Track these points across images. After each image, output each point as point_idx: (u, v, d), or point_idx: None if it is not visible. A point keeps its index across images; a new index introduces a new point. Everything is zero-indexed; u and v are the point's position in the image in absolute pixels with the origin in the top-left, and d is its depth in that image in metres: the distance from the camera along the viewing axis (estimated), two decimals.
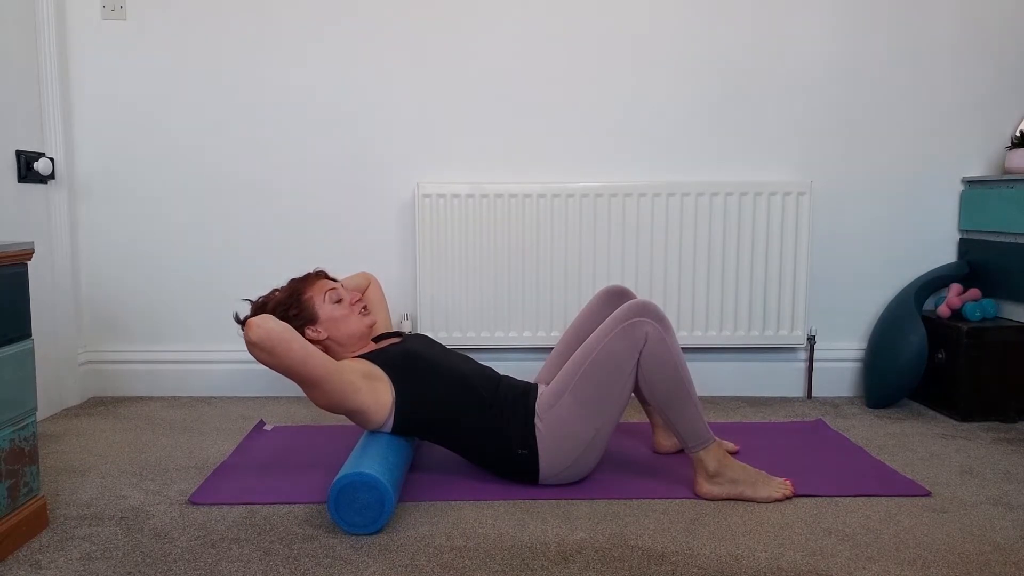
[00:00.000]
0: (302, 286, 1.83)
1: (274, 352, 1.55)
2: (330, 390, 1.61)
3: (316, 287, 1.83)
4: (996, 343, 2.27)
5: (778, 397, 2.58)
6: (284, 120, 2.50)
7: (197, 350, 2.57)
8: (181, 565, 1.38)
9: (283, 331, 1.57)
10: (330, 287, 1.84)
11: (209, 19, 2.46)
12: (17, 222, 2.24)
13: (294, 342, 1.57)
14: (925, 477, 1.82)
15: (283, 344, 1.55)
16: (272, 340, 1.55)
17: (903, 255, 2.57)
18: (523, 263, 2.45)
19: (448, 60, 2.48)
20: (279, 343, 1.55)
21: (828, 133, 2.52)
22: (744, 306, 2.47)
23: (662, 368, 1.65)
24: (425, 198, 2.41)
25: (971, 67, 2.50)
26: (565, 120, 2.50)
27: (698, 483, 1.69)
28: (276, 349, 1.55)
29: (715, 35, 2.48)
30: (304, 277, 1.86)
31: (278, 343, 1.55)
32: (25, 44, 2.28)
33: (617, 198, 2.43)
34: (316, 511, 1.62)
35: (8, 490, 1.42)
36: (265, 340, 1.54)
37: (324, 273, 1.90)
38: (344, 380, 1.62)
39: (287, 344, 1.56)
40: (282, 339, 1.56)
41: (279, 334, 1.56)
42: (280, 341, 1.55)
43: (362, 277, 2.13)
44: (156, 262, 2.54)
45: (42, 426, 2.23)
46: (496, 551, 1.44)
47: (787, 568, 1.37)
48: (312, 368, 1.58)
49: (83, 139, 2.49)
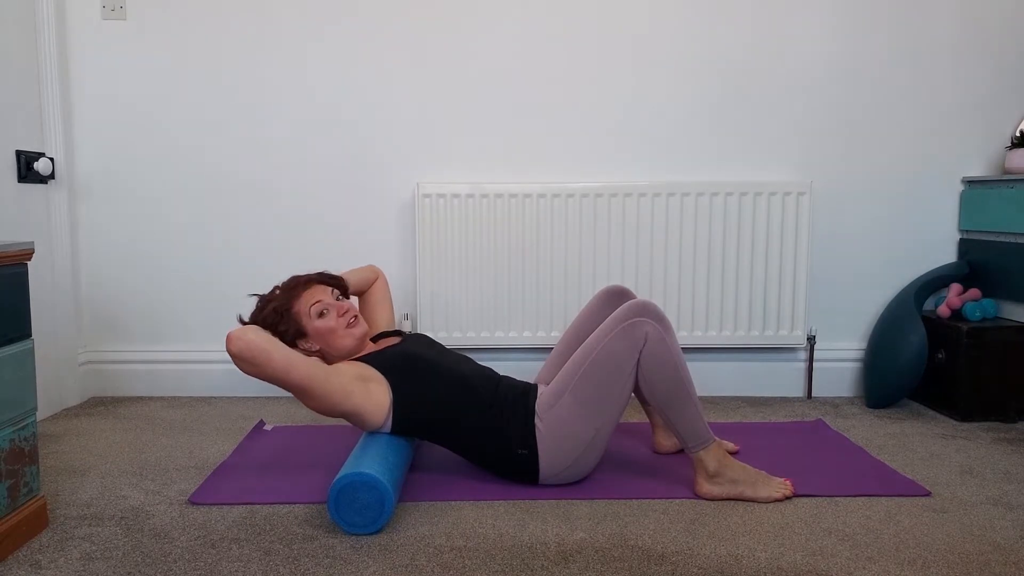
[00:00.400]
0: (289, 300, 1.78)
1: (255, 363, 1.55)
2: (320, 395, 1.60)
3: (303, 299, 1.78)
4: (996, 343, 2.27)
5: (778, 397, 2.58)
6: (284, 120, 2.50)
7: (197, 350, 2.57)
8: (181, 565, 1.38)
9: (262, 342, 1.56)
10: (315, 301, 1.78)
11: (209, 19, 2.46)
12: (17, 222, 2.24)
13: (274, 352, 1.56)
14: (925, 477, 1.82)
15: (263, 355, 1.55)
16: (252, 351, 1.54)
17: (903, 255, 2.57)
18: (523, 263, 2.45)
19: (448, 60, 2.48)
20: (259, 354, 1.55)
21: (828, 133, 2.52)
22: (744, 306, 2.47)
23: (662, 368, 1.65)
24: (425, 198, 2.41)
25: (971, 67, 2.50)
26: (565, 120, 2.50)
27: (698, 483, 1.69)
28: (257, 359, 1.55)
29: (715, 35, 2.48)
30: (293, 287, 1.80)
31: (259, 354, 1.55)
32: (25, 44, 2.28)
33: (617, 198, 2.43)
34: (316, 511, 1.62)
35: (8, 490, 1.42)
36: (245, 351, 1.54)
37: (317, 278, 1.84)
38: (333, 385, 1.60)
39: (267, 355, 1.55)
40: (262, 350, 1.55)
41: (258, 345, 1.55)
42: (260, 352, 1.55)
43: (369, 270, 2.10)
44: (156, 262, 2.54)
45: (42, 426, 2.23)
46: (496, 551, 1.44)
47: (787, 568, 1.37)
48: (297, 377, 1.57)
49: (83, 139, 2.49)
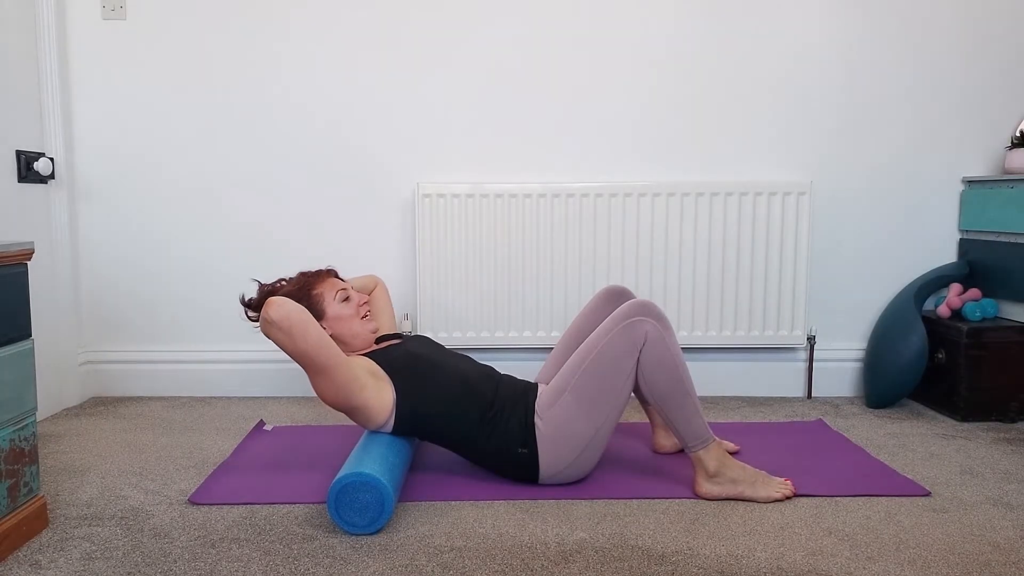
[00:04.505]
0: (313, 281, 1.84)
1: (291, 333, 1.56)
2: (340, 380, 1.62)
3: (327, 284, 1.84)
4: (996, 343, 2.27)
5: (778, 397, 2.58)
6: (284, 120, 2.50)
7: (197, 350, 2.57)
8: (181, 565, 1.38)
9: (302, 313, 1.58)
10: (341, 286, 1.84)
11: (209, 19, 2.46)
12: (17, 222, 2.24)
13: (311, 325, 1.58)
14: (925, 477, 1.82)
15: (301, 326, 1.57)
16: (291, 320, 1.56)
17: (903, 255, 2.57)
18: (523, 263, 2.45)
19: (449, 60, 2.48)
20: (298, 323, 1.56)
21: (828, 133, 2.52)
22: (744, 306, 2.47)
23: (662, 367, 1.65)
24: (425, 198, 2.41)
25: (971, 67, 2.50)
26: (565, 120, 2.50)
27: (698, 483, 1.69)
28: (294, 330, 1.56)
29: (715, 35, 2.48)
30: (316, 272, 1.87)
31: (297, 323, 1.56)
32: (25, 44, 2.28)
33: (617, 198, 2.43)
34: (316, 511, 1.62)
35: (8, 490, 1.42)
36: (284, 320, 1.55)
37: (335, 272, 1.91)
38: (352, 373, 1.63)
39: (305, 326, 1.57)
40: (301, 320, 1.57)
41: (299, 316, 1.57)
42: (299, 322, 1.57)
43: (369, 279, 2.14)
44: (156, 262, 2.54)
45: (42, 426, 2.23)
46: (496, 551, 1.44)
47: (787, 568, 1.37)
48: (326, 356, 1.59)
49: (83, 139, 2.49)
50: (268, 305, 1.57)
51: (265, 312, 1.57)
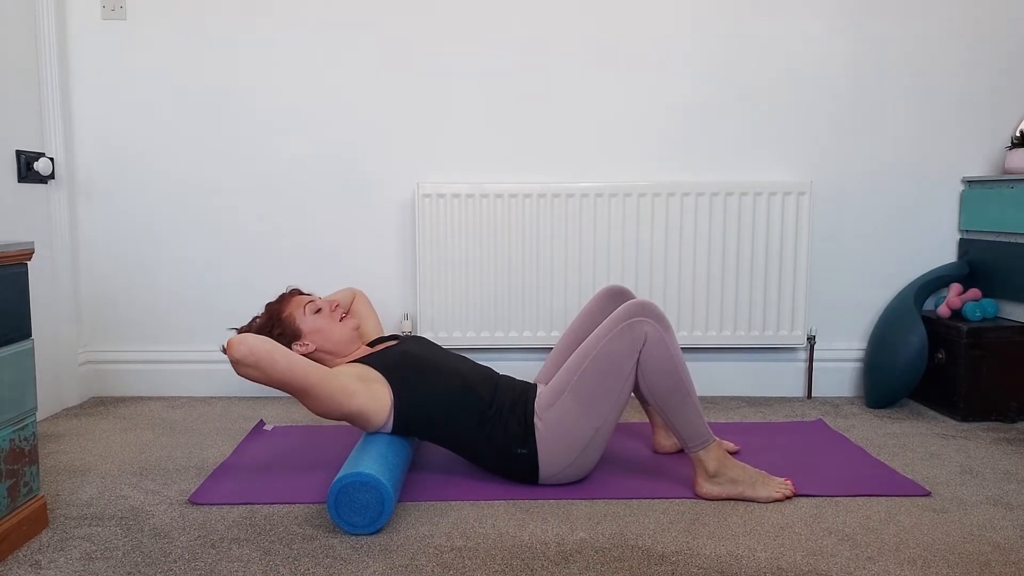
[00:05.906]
0: (280, 306, 1.85)
1: (259, 366, 1.57)
2: (323, 396, 1.62)
3: (293, 303, 1.86)
4: (996, 343, 2.27)
5: (778, 397, 2.58)
6: (284, 119, 2.50)
7: (197, 350, 2.57)
8: (181, 565, 1.38)
9: (263, 344, 1.59)
10: (307, 300, 1.86)
11: (209, 19, 2.46)
12: (17, 222, 2.24)
13: (276, 353, 1.59)
14: (925, 477, 1.82)
15: (267, 357, 1.57)
16: (255, 355, 1.57)
17: (903, 255, 2.57)
18: (523, 263, 2.45)
19: (449, 60, 2.48)
20: (263, 356, 1.57)
21: (828, 133, 2.52)
22: (744, 306, 2.47)
23: (661, 368, 1.65)
24: (425, 198, 2.41)
25: (971, 67, 2.50)
26: (565, 120, 2.50)
27: (698, 483, 1.69)
28: (261, 363, 1.57)
29: (715, 35, 2.48)
30: (279, 297, 1.89)
31: (262, 356, 1.57)
32: (25, 44, 2.28)
33: (617, 198, 2.43)
34: (316, 511, 1.62)
35: (8, 490, 1.42)
36: (248, 356, 1.57)
37: (298, 290, 1.92)
38: (336, 385, 1.63)
39: (270, 356, 1.58)
40: (265, 352, 1.58)
41: (261, 348, 1.58)
42: (263, 355, 1.57)
43: (347, 291, 2.15)
44: (156, 262, 2.54)
45: (42, 426, 2.23)
46: (496, 551, 1.44)
47: (787, 568, 1.37)
48: (300, 377, 1.60)
49: (83, 139, 2.49)
50: (229, 347, 1.58)
51: (229, 354, 1.58)
